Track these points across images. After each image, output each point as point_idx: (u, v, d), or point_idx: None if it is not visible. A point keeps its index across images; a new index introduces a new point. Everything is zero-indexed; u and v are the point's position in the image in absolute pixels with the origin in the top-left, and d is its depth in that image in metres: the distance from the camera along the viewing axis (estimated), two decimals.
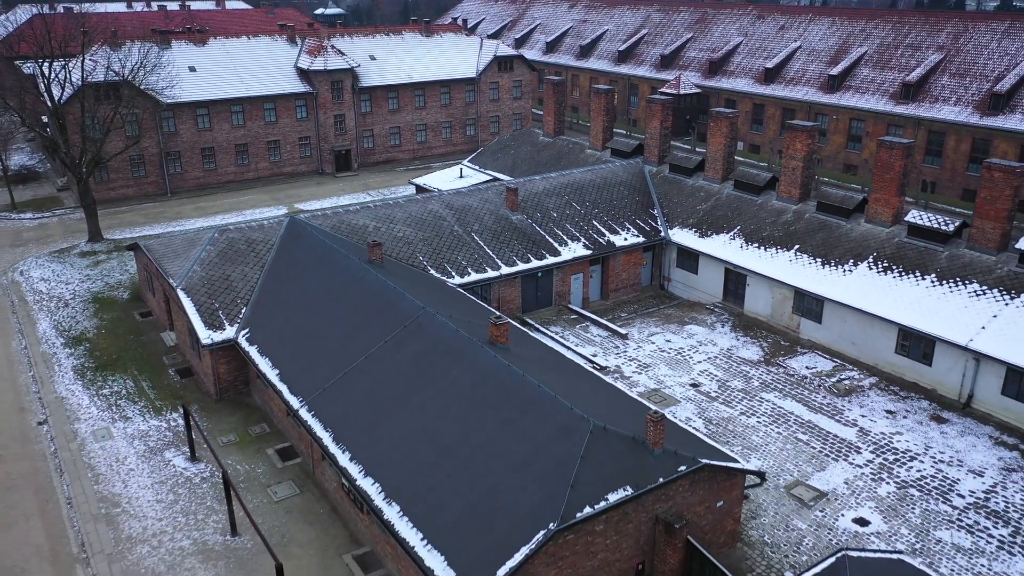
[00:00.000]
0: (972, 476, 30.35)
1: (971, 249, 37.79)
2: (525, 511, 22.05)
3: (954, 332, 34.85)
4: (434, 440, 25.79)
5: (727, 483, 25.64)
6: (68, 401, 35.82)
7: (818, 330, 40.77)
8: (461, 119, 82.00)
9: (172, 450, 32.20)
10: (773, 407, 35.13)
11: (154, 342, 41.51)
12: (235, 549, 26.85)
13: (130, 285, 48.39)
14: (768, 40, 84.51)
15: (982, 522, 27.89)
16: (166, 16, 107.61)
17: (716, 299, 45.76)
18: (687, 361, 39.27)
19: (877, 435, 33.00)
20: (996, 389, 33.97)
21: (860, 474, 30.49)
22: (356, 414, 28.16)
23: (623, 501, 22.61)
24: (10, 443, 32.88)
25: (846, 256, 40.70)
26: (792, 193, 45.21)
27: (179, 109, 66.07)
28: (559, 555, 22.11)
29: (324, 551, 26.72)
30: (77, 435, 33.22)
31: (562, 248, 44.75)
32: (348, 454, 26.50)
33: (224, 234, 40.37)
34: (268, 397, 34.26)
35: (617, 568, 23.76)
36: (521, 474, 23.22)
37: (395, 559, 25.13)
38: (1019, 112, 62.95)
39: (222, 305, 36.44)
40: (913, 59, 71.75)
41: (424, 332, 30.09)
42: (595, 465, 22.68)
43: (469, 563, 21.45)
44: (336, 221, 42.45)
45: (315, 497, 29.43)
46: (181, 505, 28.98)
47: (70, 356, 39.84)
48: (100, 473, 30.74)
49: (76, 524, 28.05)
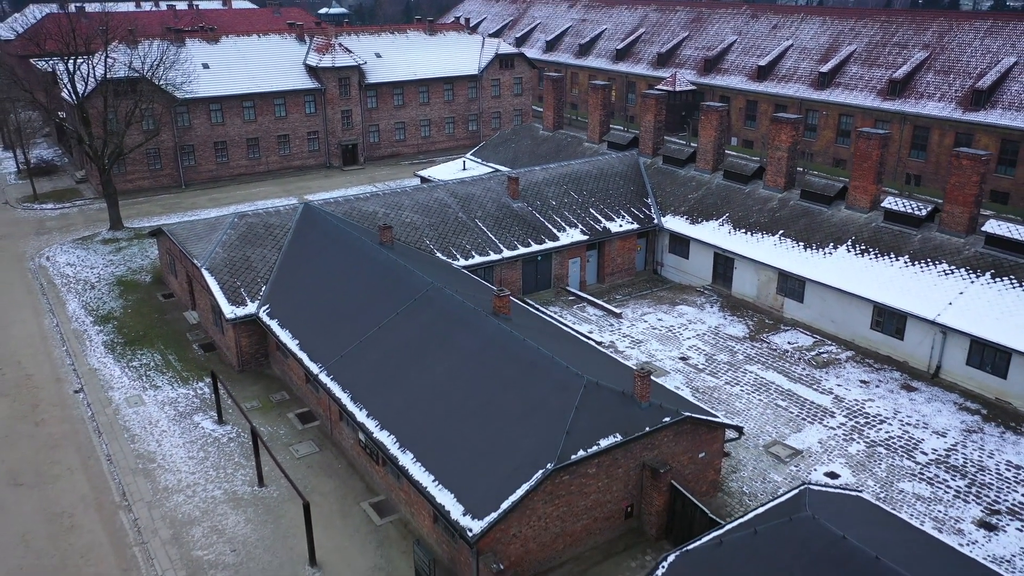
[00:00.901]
0: (936, 436, 33.06)
1: (942, 232, 40.50)
2: (525, 454, 24.77)
3: (924, 308, 37.57)
4: (443, 398, 28.50)
5: (708, 436, 28.36)
6: (101, 372, 38.55)
7: (800, 309, 43.48)
8: (464, 115, 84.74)
9: (200, 415, 34.92)
10: (756, 378, 37.85)
11: (177, 320, 44.21)
12: (262, 498, 29.57)
13: (151, 269, 51.10)
14: (761, 39, 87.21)
15: (942, 475, 30.61)
16: (175, 15, 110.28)
17: (706, 282, 48.46)
18: (677, 337, 41.98)
19: (851, 402, 35.73)
20: (962, 360, 36.68)
21: (833, 435, 33.21)
22: (371, 377, 30.86)
23: (613, 447, 25.33)
24: (50, 408, 35.60)
25: (827, 240, 43.39)
26: (778, 182, 47.89)
27: (193, 104, 68.77)
28: (556, 493, 24.83)
29: (343, 499, 29.44)
30: (111, 401, 35.96)
31: (560, 234, 47.44)
32: (365, 411, 29.22)
33: (243, 219, 43.09)
34: (287, 367, 36.98)
35: (608, 509, 26.49)
36: (522, 424, 25.94)
37: (408, 504, 27.85)
38: (1000, 107, 65.64)
39: (243, 283, 39.16)
40: (900, 57, 74.43)
41: (433, 304, 32.81)
42: (588, 415, 25.40)
43: (476, 499, 24.16)
44: (348, 208, 45.14)
45: (333, 455, 32.14)
46: (211, 461, 31.70)
47: (99, 333, 42.57)
48: (135, 434, 33.47)
49: (116, 477, 30.76)
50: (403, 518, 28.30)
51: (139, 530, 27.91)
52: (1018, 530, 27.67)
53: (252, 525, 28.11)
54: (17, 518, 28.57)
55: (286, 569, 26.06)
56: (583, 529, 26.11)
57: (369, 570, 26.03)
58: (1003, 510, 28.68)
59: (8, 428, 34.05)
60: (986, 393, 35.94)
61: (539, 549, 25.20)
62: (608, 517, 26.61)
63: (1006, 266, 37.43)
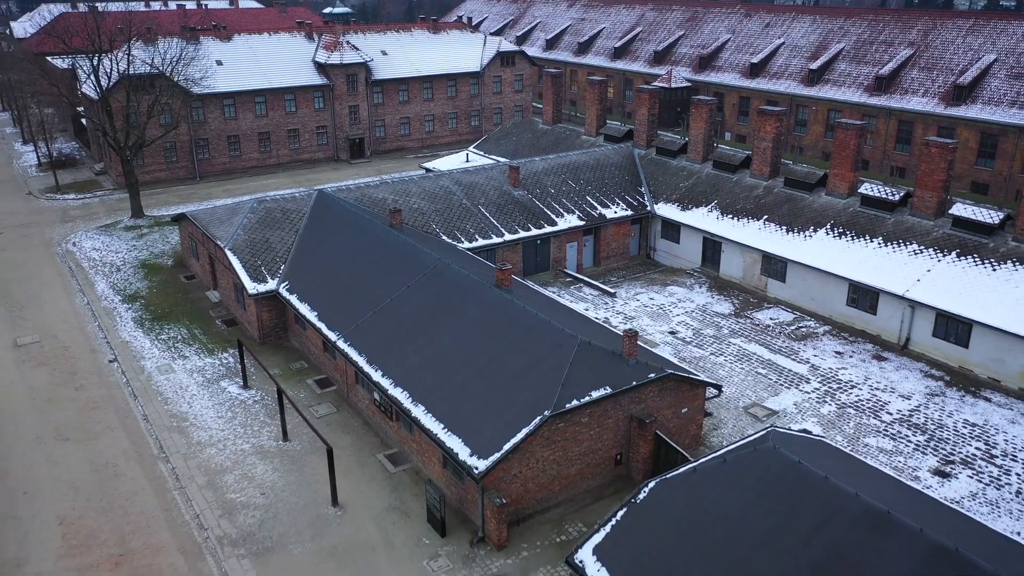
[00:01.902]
0: (901, 399, 36.09)
1: (913, 215, 43.50)
2: (525, 404, 27.79)
3: (894, 284, 40.59)
4: (451, 358, 31.52)
5: (690, 393, 31.38)
6: (132, 344, 41.60)
7: (782, 288, 46.49)
8: (466, 110, 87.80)
9: (226, 381, 37.97)
10: (739, 349, 40.88)
11: (200, 299, 47.25)
12: (287, 451, 32.60)
13: (173, 254, 54.15)
14: (754, 37, 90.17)
15: (904, 432, 33.63)
16: (184, 14, 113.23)
17: (695, 265, 51.47)
18: (667, 314, 45.01)
19: (825, 370, 38.76)
20: (928, 332, 39.70)
21: (807, 398, 36.23)
22: (385, 343, 33.87)
23: (603, 398, 28.35)
24: (88, 376, 38.65)
25: (808, 224, 46.40)
26: (763, 171, 50.90)
27: (208, 99, 71.82)
28: (552, 439, 27.86)
29: (360, 452, 32.47)
30: (144, 370, 39.01)
31: (558, 219, 50.46)
32: (380, 372, 32.26)
33: (262, 204, 46.13)
34: (306, 338, 40.02)
35: (599, 455, 29.51)
36: (522, 379, 28.96)
37: (419, 453, 30.88)
38: (980, 103, 68.59)
39: (264, 262, 42.19)
40: (886, 54, 77.40)
41: (441, 278, 35.85)
42: (581, 370, 28.43)
43: (481, 443, 27.18)
44: (359, 194, 48.17)
45: (350, 415, 35.18)
46: (239, 420, 34.74)
47: (128, 310, 45.62)
48: (168, 397, 36.52)
49: (153, 433, 33.80)
50: (415, 467, 31.33)
51: (177, 477, 30.95)
52: (968, 477, 30.68)
53: (279, 473, 31.15)
54: (66, 468, 31.60)
55: (311, 509, 29.09)
56: (577, 473, 29.13)
57: (385, 509, 29.05)
58: (957, 460, 31.69)
59: (51, 392, 37.10)
60: (950, 362, 38.96)
61: (537, 489, 28.22)
62: (599, 463, 29.63)
63: (970, 245, 40.44)
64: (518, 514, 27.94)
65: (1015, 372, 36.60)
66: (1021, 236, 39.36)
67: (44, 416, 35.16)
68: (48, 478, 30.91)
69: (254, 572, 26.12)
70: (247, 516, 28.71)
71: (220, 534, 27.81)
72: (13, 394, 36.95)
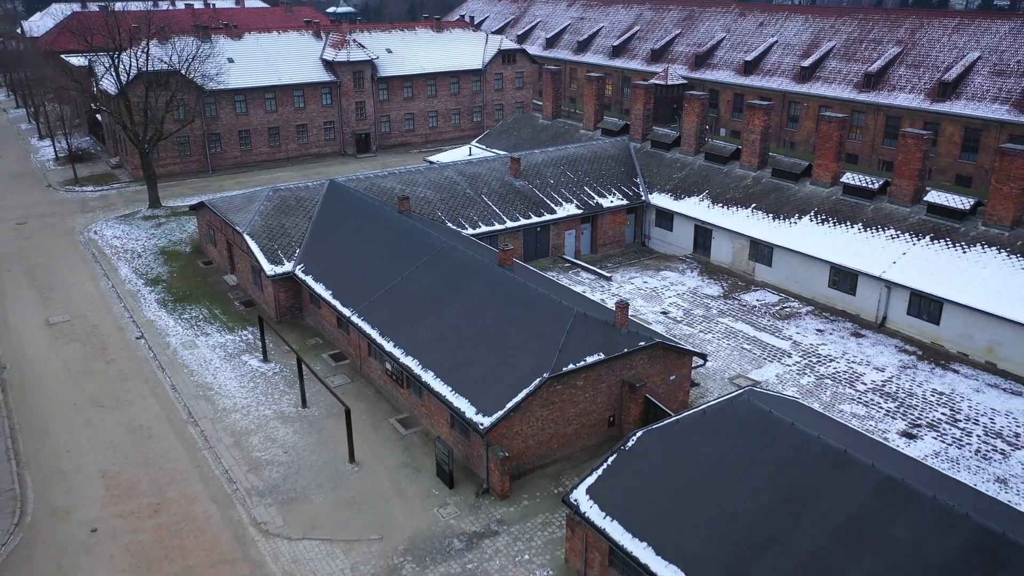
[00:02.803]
0: (875, 371, 38.81)
1: (891, 203, 46.20)
2: (526, 368, 30.50)
3: (872, 266, 43.29)
4: (457, 330, 34.22)
5: (677, 361, 34.10)
6: (157, 323, 44.32)
7: (769, 272, 49.19)
8: (468, 107, 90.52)
9: (247, 355, 40.70)
10: (726, 327, 43.59)
11: (219, 283, 49.96)
12: (306, 416, 35.32)
13: (190, 241, 56.87)
14: (748, 35, 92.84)
15: (877, 400, 36.34)
16: (193, 14, 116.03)
17: (687, 251, 54.17)
18: (659, 296, 47.72)
19: (806, 346, 41.47)
20: (903, 310, 42.41)
21: (788, 370, 38.95)
22: (396, 318, 36.58)
23: (597, 363, 31.06)
24: (118, 351, 41.37)
25: (793, 211, 49.09)
26: (752, 162, 53.60)
27: (220, 96, 74.54)
28: (551, 400, 30.56)
29: (374, 417, 35.18)
30: (169, 345, 41.74)
31: (557, 208, 53.15)
32: (392, 343, 34.97)
33: (277, 192, 48.84)
34: (320, 316, 42.73)
35: (594, 417, 32.21)
36: (523, 347, 31.66)
37: (428, 416, 33.59)
38: (964, 98, 71.24)
39: (280, 246, 44.90)
40: (875, 52, 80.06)
41: (447, 259, 38.56)
42: (577, 338, 31.13)
43: (485, 403, 29.89)
44: (368, 184, 50.88)
45: (363, 384, 37.89)
46: (260, 390, 37.46)
47: (151, 292, 48.34)
48: (193, 370, 39.24)
49: (182, 401, 36.52)
50: (424, 429, 34.04)
51: (206, 439, 33.67)
52: (933, 439, 33.39)
53: (299, 435, 33.87)
54: (103, 431, 34.32)
55: (330, 466, 31.81)
56: (573, 433, 31.83)
57: (398, 466, 31.77)
58: (923, 424, 34.40)
59: (84, 365, 39.82)
60: (923, 338, 41.67)
61: (536, 446, 30.92)
62: (594, 424, 32.33)
63: (943, 230, 43.15)
64: (519, 469, 30.65)
65: (982, 346, 39.30)
66: (990, 221, 42.05)
67: (79, 386, 37.89)
68: (88, 439, 33.63)
69: (280, 518, 28.84)
70: (272, 471, 31.44)
71: (248, 486, 30.53)
72: (49, 367, 39.67)
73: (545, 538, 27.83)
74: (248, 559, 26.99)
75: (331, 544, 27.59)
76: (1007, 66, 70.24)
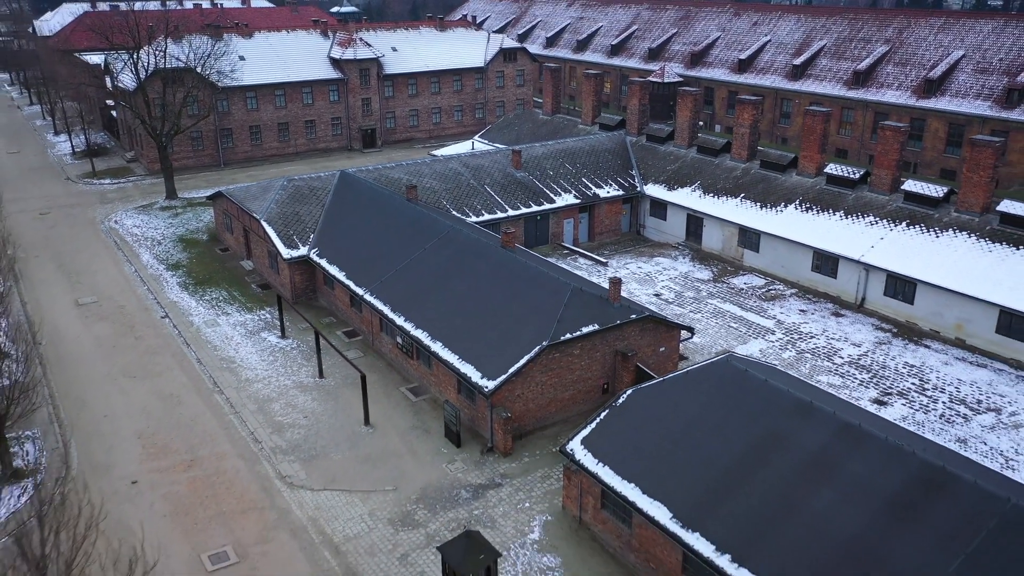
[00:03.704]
0: (852, 346, 41.64)
1: (871, 191, 49.01)
2: (527, 338, 33.32)
3: (852, 251, 46.10)
4: (463, 306, 37.04)
5: (667, 334, 36.92)
6: (179, 304, 47.16)
7: (756, 257, 52.00)
8: (471, 103, 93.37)
9: (266, 332, 43.55)
10: (715, 308, 46.42)
11: (236, 268, 52.80)
12: (323, 386, 38.16)
13: (207, 230, 59.73)
14: (742, 35, 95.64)
15: (852, 371, 39.17)
16: (201, 13, 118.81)
17: (680, 239, 57.00)
18: (653, 280, 50.55)
19: (789, 324, 44.30)
20: (880, 291, 45.22)
21: (771, 346, 41.78)
22: (407, 295, 39.40)
23: (592, 333, 33.89)
24: (145, 328, 44.22)
25: (779, 200, 51.89)
26: (741, 154, 56.41)
27: (232, 92, 77.38)
28: (549, 366, 33.38)
29: (386, 386, 38.01)
30: (193, 323, 44.58)
31: (556, 198, 55.97)
32: (403, 318, 37.81)
33: (291, 182, 51.67)
34: (334, 297, 45.56)
35: (589, 384, 35.03)
36: (524, 319, 34.48)
37: (437, 384, 36.41)
38: (948, 95, 74.03)
39: (295, 232, 47.73)
40: (864, 51, 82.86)
41: (454, 241, 41.39)
42: (573, 311, 33.95)
43: (490, 368, 32.70)
44: (377, 175, 53.70)
45: (375, 358, 40.73)
46: (279, 363, 40.30)
47: (172, 276, 51.19)
48: (216, 345, 42.09)
49: (207, 372, 39.36)
50: (433, 396, 36.88)
51: (231, 405, 36.50)
52: (902, 405, 36.21)
53: (317, 402, 36.70)
54: (136, 398, 37.16)
55: (347, 428, 34.64)
56: (570, 398, 34.65)
57: (409, 428, 34.60)
58: (893, 392, 37.23)
59: (115, 341, 42.68)
60: (898, 317, 44.49)
61: (536, 409, 33.74)
62: (589, 391, 35.15)
63: (918, 216, 45.96)
64: (520, 430, 33.47)
65: (951, 323, 42.12)
66: (962, 208, 44.85)
67: (111, 359, 40.73)
68: (122, 405, 36.48)
69: (303, 472, 31.69)
70: (294, 433, 34.28)
71: (272, 446, 33.37)
72: (82, 342, 42.53)
73: (544, 489, 30.65)
74: (275, 507, 29.83)
75: (350, 494, 30.43)
76: (990, 64, 73.04)
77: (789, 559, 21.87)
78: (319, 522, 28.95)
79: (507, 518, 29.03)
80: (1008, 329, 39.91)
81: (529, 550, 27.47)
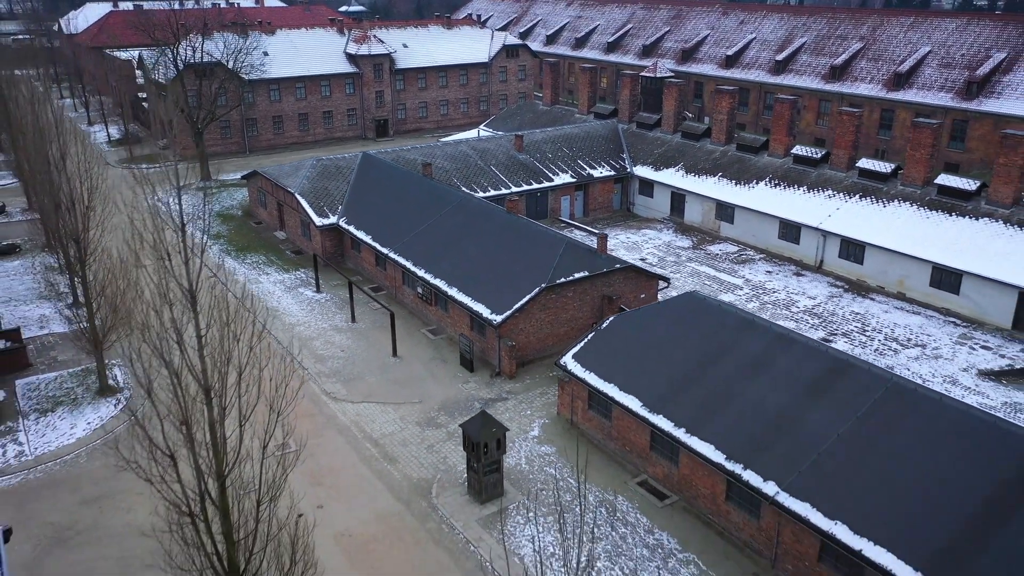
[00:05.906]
0: (808, 299, 48.38)
1: (831, 169, 55.75)
2: (528, 282, 40.06)
3: (811, 219, 52.83)
4: (474, 260, 43.78)
5: (646, 283, 43.67)
6: (224, 266, 53.94)
7: (731, 229, 58.74)
8: (476, 96, 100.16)
9: (303, 288, 50.34)
10: (692, 269, 53.16)
11: (270, 238, 59.60)
12: (355, 328, 44.93)
13: (241, 207, 66.50)
14: (730, 32, 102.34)
15: (806, 318, 45.90)
16: (219, 12, 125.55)
17: (665, 214, 63.74)
18: (639, 248, 57.29)
19: (756, 282, 51.04)
20: (836, 254, 51.96)
21: (739, 298, 48.50)
22: (426, 253, 46.13)
23: (582, 278, 40.63)
24: None
25: (752, 178, 58.62)
26: (720, 138, 63.15)
27: (256, 84, 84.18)
28: (547, 305, 40.12)
29: (409, 328, 44.77)
30: (238, 281, 51.35)
31: (555, 177, 62.70)
32: (423, 270, 44.57)
33: (320, 162, 58.47)
34: (360, 259, 52.30)
35: (581, 323, 41.76)
36: (526, 268, 41.22)
37: (452, 326, 43.16)
38: (915, 88, 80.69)
39: (325, 204, 54.50)
40: (841, 47, 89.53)
41: (466, 208, 48.14)
42: (567, 260, 40.68)
43: (497, 306, 39.43)
44: (395, 156, 60.47)
45: (398, 307, 47.46)
46: (316, 311, 47.07)
47: (215, 245, 57.98)
48: (261, 297, 48.88)
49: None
50: (449, 336, 43.63)
51: (279, 342, 43.28)
52: (844, 342, 42.94)
53: (351, 340, 43.47)
54: None
55: (378, 359, 41.39)
56: (564, 334, 41.36)
57: (430, 359, 41.37)
58: (839, 333, 43.96)
59: None
60: (850, 276, 51.24)
61: (536, 341, 40.48)
62: (581, 328, 41.86)
63: (870, 190, 52.68)
64: (523, 358, 40.18)
65: (894, 280, 48.85)
66: (906, 181, 51.57)
67: None
68: None
69: (344, 390, 38.45)
70: (333, 362, 41.06)
71: (317, 371, 40.15)
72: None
73: (542, 402, 37.40)
74: (324, 414, 36.60)
75: (383, 405, 37.21)
76: (953, 59, 79.71)
77: (730, 429, 28.60)
78: (360, 424, 35.74)
79: (512, 422, 35.76)
80: (939, 283, 46.68)
81: (530, 443, 34.23)
